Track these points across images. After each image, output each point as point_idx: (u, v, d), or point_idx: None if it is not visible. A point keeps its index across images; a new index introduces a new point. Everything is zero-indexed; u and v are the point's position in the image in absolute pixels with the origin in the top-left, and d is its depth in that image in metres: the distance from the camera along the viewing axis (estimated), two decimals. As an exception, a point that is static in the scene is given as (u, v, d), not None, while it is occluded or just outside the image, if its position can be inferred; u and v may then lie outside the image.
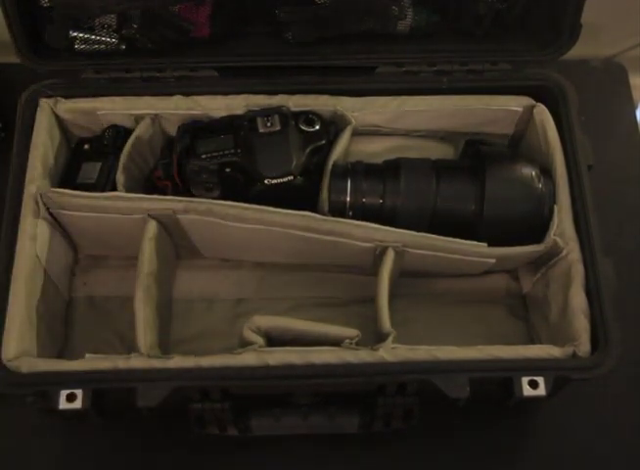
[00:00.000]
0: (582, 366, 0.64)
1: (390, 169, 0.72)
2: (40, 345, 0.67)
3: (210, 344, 0.73)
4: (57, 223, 0.72)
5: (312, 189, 0.73)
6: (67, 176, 0.75)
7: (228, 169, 0.71)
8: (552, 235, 0.69)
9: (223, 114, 0.74)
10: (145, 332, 0.66)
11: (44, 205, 0.70)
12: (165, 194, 0.76)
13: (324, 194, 0.72)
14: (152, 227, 0.70)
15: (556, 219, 0.69)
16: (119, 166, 0.72)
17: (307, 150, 0.72)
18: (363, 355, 0.64)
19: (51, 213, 0.71)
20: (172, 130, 0.75)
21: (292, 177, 0.70)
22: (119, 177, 0.72)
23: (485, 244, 0.70)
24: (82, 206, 0.70)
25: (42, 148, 0.72)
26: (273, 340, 0.67)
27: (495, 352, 0.64)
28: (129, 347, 0.66)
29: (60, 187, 0.71)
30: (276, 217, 0.69)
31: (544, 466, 0.74)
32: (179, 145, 0.72)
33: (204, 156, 0.71)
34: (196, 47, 0.75)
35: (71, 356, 0.66)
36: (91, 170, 0.74)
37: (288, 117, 0.72)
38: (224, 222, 0.70)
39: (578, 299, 0.67)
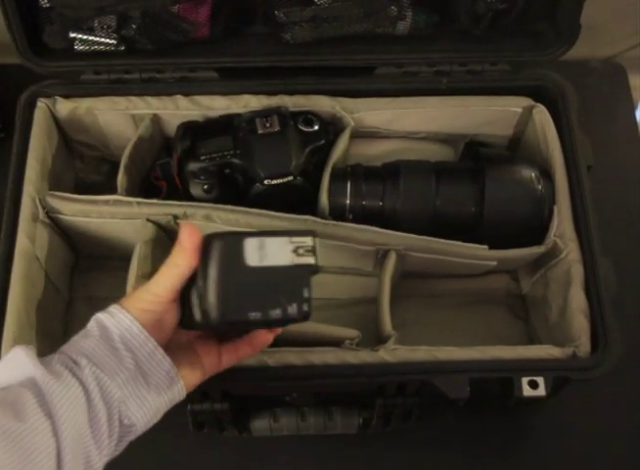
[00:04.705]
0: (582, 366, 0.64)
1: (390, 172, 0.72)
2: (40, 345, 0.67)
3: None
4: (56, 226, 0.72)
5: (312, 189, 0.73)
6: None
7: (227, 170, 0.71)
8: (552, 236, 0.69)
9: (222, 114, 0.74)
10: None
11: (42, 208, 0.70)
12: (161, 193, 0.76)
13: (324, 197, 0.72)
14: (148, 231, 0.70)
15: (556, 220, 0.70)
16: (121, 168, 0.72)
17: (306, 150, 0.72)
18: (363, 356, 0.64)
19: (50, 217, 0.71)
20: (171, 131, 0.75)
21: (291, 178, 0.70)
22: (121, 180, 0.72)
23: (486, 246, 0.70)
24: (80, 211, 0.70)
25: (40, 150, 0.71)
26: (273, 341, 0.67)
27: (495, 352, 0.64)
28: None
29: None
30: (277, 222, 0.69)
31: (544, 466, 0.74)
32: (180, 146, 0.72)
33: (202, 157, 0.71)
34: (195, 48, 0.75)
35: (71, 357, 0.66)
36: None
37: (287, 117, 0.72)
38: (224, 227, 0.69)
39: (578, 299, 0.67)
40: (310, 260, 0.53)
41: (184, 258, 0.51)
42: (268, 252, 0.51)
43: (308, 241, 0.53)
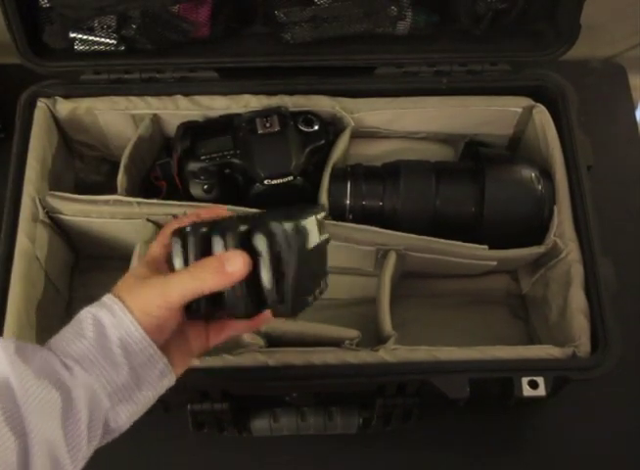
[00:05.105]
0: (582, 366, 0.64)
1: (390, 172, 0.72)
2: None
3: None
4: (56, 226, 0.72)
5: (312, 189, 0.73)
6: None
7: (227, 170, 0.71)
8: (552, 236, 0.69)
9: (222, 114, 0.74)
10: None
11: (42, 208, 0.70)
12: (161, 193, 0.76)
13: (324, 197, 0.72)
14: (148, 231, 0.70)
15: (556, 220, 0.70)
16: (121, 168, 0.72)
17: (307, 150, 0.72)
18: (363, 356, 0.64)
19: (50, 217, 0.71)
20: (171, 131, 0.75)
21: (291, 178, 0.70)
22: (121, 180, 0.72)
23: (486, 246, 0.70)
24: (80, 211, 0.70)
25: (40, 150, 0.71)
26: (273, 341, 0.67)
27: (495, 352, 0.64)
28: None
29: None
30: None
31: (544, 466, 0.74)
32: (180, 146, 0.72)
33: (203, 157, 0.71)
34: (195, 48, 0.75)
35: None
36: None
37: (287, 117, 0.72)
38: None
39: (578, 299, 0.67)
40: (327, 234, 0.52)
41: (217, 280, 0.47)
42: (309, 232, 0.49)
43: (321, 215, 0.52)
